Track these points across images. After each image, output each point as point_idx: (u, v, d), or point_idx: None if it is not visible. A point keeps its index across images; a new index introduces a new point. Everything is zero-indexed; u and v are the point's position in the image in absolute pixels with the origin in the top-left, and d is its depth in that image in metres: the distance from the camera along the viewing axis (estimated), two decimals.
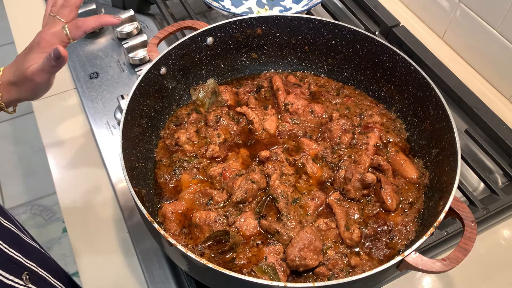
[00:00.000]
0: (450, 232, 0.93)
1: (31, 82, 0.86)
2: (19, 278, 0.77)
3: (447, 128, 0.87)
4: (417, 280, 0.94)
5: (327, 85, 1.11)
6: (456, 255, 0.72)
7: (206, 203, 0.89)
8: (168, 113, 1.04)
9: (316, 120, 1.03)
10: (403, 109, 1.03)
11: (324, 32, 1.06)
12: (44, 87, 0.90)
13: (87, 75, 1.25)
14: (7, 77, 0.88)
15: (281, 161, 0.93)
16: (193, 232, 0.85)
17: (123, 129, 0.83)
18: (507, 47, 1.19)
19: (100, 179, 1.07)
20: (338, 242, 0.84)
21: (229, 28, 1.04)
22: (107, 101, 1.19)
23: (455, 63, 1.33)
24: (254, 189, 0.87)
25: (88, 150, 1.12)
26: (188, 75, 1.05)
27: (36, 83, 0.86)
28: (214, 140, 0.98)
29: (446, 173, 0.84)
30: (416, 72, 0.95)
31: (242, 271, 0.80)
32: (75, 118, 1.18)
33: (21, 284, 0.77)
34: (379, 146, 0.98)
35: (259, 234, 0.85)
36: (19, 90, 0.88)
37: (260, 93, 1.09)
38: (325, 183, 0.93)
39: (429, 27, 1.43)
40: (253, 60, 1.13)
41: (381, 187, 0.87)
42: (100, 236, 0.99)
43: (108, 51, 1.31)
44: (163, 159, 0.97)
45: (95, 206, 1.03)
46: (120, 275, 0.93)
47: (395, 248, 0.84)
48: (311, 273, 0.81)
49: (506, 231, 1.01)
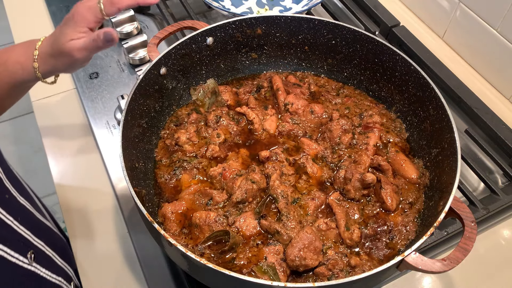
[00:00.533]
0: (450, 232, 0.93)
1: (69, 57, 0.87)
2: (24, 257, 0.78)
3: (447, 128, 0.87)
4: (417, 280, 0.94)
5: (327, 85, 1.11)
6: (456, 255, 0.72)
7: (206, 203, 0.89)
8: (168, 113, 1.04)
9: (316, 120, 1.03)
10: (403, 109, 1.03)
11: (324, 32, 1.06)
12: (80, 64, 0.91)
13: (87, 75, 1.25)
14: (45, 48, 0.88)
15: (281, 161, 0.93)
16: (193, 232, 0.85)
17: (123, 129, 0.83)
18: (507, 47, 1.19)
19: (100, 179, 1.07)
20: (338, 242, 0.84)
21: (229, 28, 1.03)
22: (107, 101, 1.19)
23: (455, 63, 1.33)
24: (254, 189, 0.87)
25: (88, 150, 1.12)
26: (188, 75, 1.05)
27: (74, 59, 0.87)
28: (214, 140, 0.98)
29: (446, 173, 0.84)
30: (416, 72, 0.95)
31: (242, 271, 0.80)
32: (75, 118, 1.18)
33: (25, 262, 0.78)
34: (379, 146, 0.98)
35: (259, 234, 0.85)
36: (55, 63, 0.89)
37: (260, 93, 1.09)
38: (325, 183, 0.93)
39: (429, 27, 1.43)
40: (253, 60, 1.13)
41: (381, 187, 0.87)
42: (100, 236, 0.99)
43: (108, 51, 1.31)
44: (163, 159, 0.97)
45: (95, 206, 1.03)
46: (120, 275, 0.93)
47: (395, 248, 0.84)
48: (311, 273, 0.81)
49: (506, 231, 1.01)
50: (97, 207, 1.03)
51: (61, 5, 1.42)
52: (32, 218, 0.89)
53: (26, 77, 0.90)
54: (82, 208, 1.02)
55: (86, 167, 1.09)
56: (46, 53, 0.88)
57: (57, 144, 1.13)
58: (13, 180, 0.88)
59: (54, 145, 1.13)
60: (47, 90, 1.23)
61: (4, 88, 0.91)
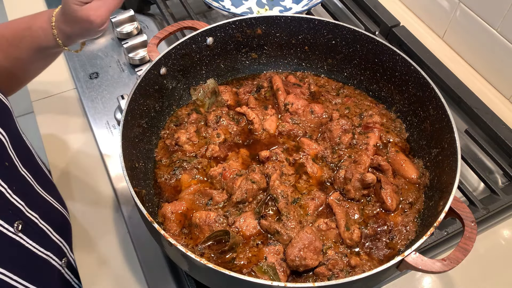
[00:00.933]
0: (450, 232, 0.93)
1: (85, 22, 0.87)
2: (10, 225, 0.78)
3: (447, 128, 0.87)
4: (417, 280, 0.94)
5: (327, 85, 1.11)
6: (456, 255, 0.72)
7: (206, 203, 0.89)
8: (168, 113, 1.04)
9: (316, 120, 1.03)
10: (403, 109, 1.03)
11: (324, 32, 1.06)
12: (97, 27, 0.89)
13: (87, 75, 1.25)
14: (59, 15, 0.89)
15: (281, 161, 0.93)
16: (193, 232, 0.85)
17: (123, 129, 0.83)
18: (507, 47, 1.19)
19: (100, 179, 1.07)
20: (338, 242, 0.84)
21: (229, 28, 1.03)
22: (107, 101, 1.19)
23: (455, 63, 1.33)
24: (254, 189, 0.87)
25: (88, 150, 1.12)
26: (188, 75, 1.05)
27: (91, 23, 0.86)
28: (214, 140, 0.98)
29: (446, 173, 0.84)
30: (416, 72, 0.95)
31: (242, 271, 0.80)
32: (75, 118, 1.18)
33: (10, 231, 0.78)
34: (379, 146, 0.98)
35: (259, 234, 0.85)
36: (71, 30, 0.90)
37: (260, 93, 1.09)
38: (325, 183, 0.93)
39: (429, 27, 1.43)
40: (253, 60, 1.13)
41: (381, 187, 0.87)
42: (100, 236, 0.99)
43: (108, 51, 1.31)
44: (163, 159, 0.97)
45: (95, 206, 1.03)
46: (120, 275, 0.93)
47: (395, 248, 0.84)
48: (311, 273, 0.81)
49: (506, 231, 1.01)
50: (97, 207, 1.03)
51: None
52: (30, 189, 0.89)
53: (49, 43, 0.92)
54: (82, 208, 1.02)
55: (86, 167, 1.09)
56: (60, 21, 0.89)
57: (57, 144, 1.13)
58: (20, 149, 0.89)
59: (54, 145, 1.13)
60: (47, 90, 1.23)
61: (30, 53, 0.93)
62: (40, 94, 1.22)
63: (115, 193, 1.04)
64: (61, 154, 1.11)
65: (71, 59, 1.29)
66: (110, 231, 0.99)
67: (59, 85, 1.24)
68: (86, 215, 1.01)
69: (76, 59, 1.29)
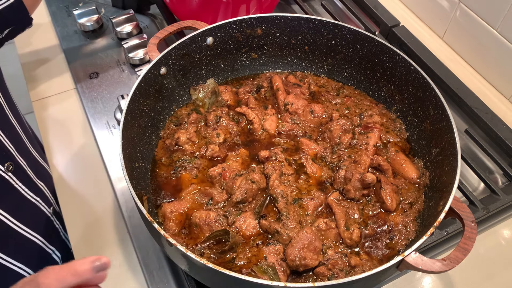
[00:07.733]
0: (450, 232, 0.93)
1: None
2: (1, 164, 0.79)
3: (447, 128, 0.87)
4: (417, 280, 0.94)
5: (327, 85, 1.11)
6: (456, 255, 0.72)
7: (206, 203, 0.89)
8: (168, 113, 1.04)
9: (316, 120, 1.03)
10: (403, 109, 1.03)
11: (324, 32, 1.06)
12: None
13: (87, 75, 1.25)
14: None
15: (280, 161, 0.93)
16: (193, 232, 0.85)
17: (123, 129, 0.83)
18: (507, 47, 1.19)
19: (100, 179, 1.07)
20: (338, 242, 0.84)
21: (229, 28, 1.04)
22: (107, 101, 1.19)
23: (455, 63, 1.33)
24: (254, 189, 0.87)
25: (88, 150, 1.12)
26: (188, 75, 1.05)
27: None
28: (214, 140, 0.98)
29: (446, 173, 0.84)
30: (416, 72, 0.95)
31: (242, 271, 0.80)
32: (75, 118, 1.18)
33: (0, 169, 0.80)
34: (379, 146, 0.98)
35: (259, 234, 0.85)
36: None
37: (260, 93, 1.09)
38: (324, 183, 0.93)
39: (429, 27, 1.43)
40: (253, 60, 1.13)
41: (381, 187, 0.87)
42: (100, 236, 0.99)
43: (108, 51, 1.31)
44: (163, 159, 0.97)
45: (95, 206, 1.03)
46: (120, 275, 0.93)
47: (395, 248, 0.84)
48: (311, 273, 0.81)
49: (506, 231, 1.01)
50: (97, 207, 1.03)
51: (61, 5, 1.42)
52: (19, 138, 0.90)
53: None
54: (82, 208, 1.02)
55: (86, 167, 1.09)
56: None
57: (57, 144, 1.13)
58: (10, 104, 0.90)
59: (54, 145, 1.13)
60: (47, 90, 1.23)
61: None
62: (40, 94, 1.22)
63: (115, 193, 1.04)
64: (61, 154, 1.11)
65: (71, 59, 1.29)
66: (110, 231, 0.99)
67: (59, 85, 1.24)
68: (86, 215, 1.01)
69: (76, 59, 1.28)
